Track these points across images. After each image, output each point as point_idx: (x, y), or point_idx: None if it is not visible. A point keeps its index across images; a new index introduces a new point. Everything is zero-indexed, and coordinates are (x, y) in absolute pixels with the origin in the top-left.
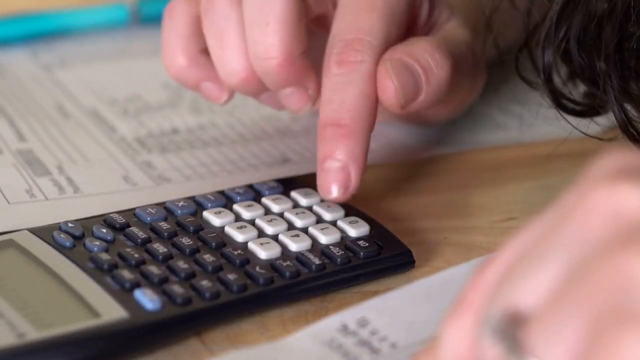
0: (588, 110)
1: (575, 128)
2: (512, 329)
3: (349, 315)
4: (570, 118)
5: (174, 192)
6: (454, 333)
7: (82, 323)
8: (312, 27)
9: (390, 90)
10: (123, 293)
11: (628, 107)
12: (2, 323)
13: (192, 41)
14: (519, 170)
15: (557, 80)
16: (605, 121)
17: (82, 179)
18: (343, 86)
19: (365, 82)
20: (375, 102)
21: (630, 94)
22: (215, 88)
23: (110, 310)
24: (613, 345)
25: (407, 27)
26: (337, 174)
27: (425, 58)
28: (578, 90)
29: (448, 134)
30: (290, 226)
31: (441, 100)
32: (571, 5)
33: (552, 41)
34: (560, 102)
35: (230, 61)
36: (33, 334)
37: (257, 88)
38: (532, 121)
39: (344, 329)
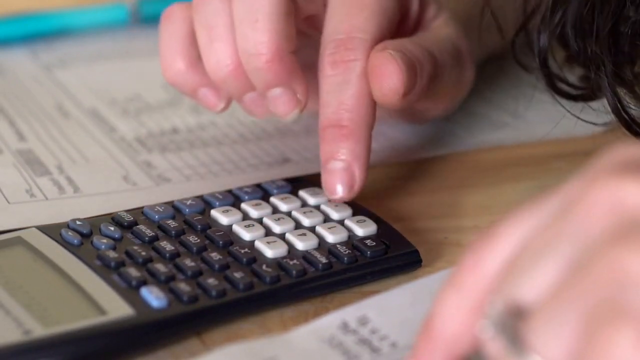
0: (583, 94)
1: (569, 112)
2: (513, 323)
3: (350, 312)
4: (566, 104)
5: (174, 192)
6: (448, 310)
7: (88, 320)
8: (303, 28)
9: (397, 74)
10: (130, 291)
11: (621, 91)
12: (9, 320)
13: (190, 46)
14: (518, 170)
15: (553, 64)
16: (600, 107)
17: (82, 178)
18: (339, 87)
19: (361, 80)
20: (373, 99)
21: (623, 78)
22: (212, 95)
23: (116, 308)
24: (606, 341)
25: (397, 24)
26: (341, 174)
27: (417, 52)
28: (574, 75)
29: (448, 135)
30: (298, 225)
31: (427, 96)
32: None
33: (548, 25)
34: (555, 85)
35: (218, 53)
36: (39, 331)
37: (244, 84)
38: (531, 118)
39: (344, 327)
